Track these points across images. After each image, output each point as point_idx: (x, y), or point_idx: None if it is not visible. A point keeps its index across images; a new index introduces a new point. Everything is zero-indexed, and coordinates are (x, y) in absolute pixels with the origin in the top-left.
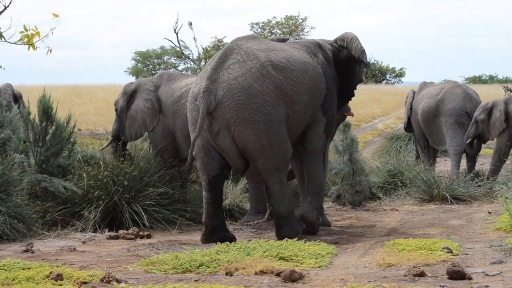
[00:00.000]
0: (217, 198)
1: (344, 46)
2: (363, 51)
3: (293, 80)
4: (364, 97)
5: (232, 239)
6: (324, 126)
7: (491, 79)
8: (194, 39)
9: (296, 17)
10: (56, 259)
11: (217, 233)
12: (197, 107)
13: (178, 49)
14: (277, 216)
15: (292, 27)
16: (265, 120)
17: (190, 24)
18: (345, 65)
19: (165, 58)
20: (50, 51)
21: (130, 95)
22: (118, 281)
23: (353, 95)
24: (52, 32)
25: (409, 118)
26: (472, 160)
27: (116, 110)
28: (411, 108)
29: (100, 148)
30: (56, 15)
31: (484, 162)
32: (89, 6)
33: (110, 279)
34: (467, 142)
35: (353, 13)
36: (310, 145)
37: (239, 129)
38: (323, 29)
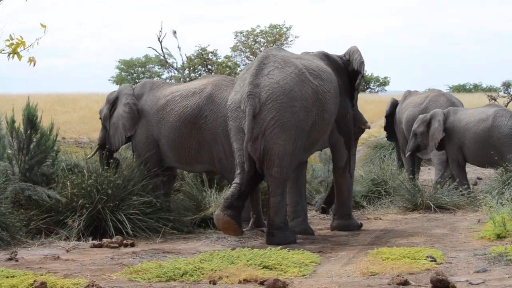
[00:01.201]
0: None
1: (350, 59)
2: (361, 63)
3: (325, 88)
4: None
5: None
6: (345, 144)
7: (476, 88)
8: (179, 47)
9: (281, 26)
10: (40, 267)
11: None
12: (240, 114)
13: (162, 57)
14: (272, 226)
15: (276, 35)
16: (297, 126)
17: (175, 32)
18: (352, 78)
19: (149, 67)
20: (34, 63)
21: (112, 103)
22: None
23: (355, 106)
24: (38, 42)
25: (391, 127)
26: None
27: (101, 118)
28: (387, 116)
29: (86, 158)
30: (44, 26)
31: (468, 171)
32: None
33: (94, 287)
34: (406, 155)
35: (338, 23)
36: (337, 163)
37: (275, 131)
38: (308, 38)
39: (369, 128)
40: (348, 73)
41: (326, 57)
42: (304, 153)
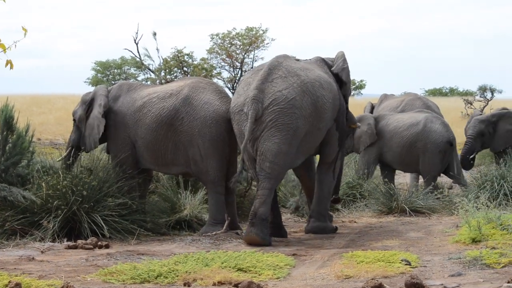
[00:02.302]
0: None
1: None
2: (343, 69)
3: (325, 98)
4: None
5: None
6: (338, 140)
7: (452, 92)
8: (157, 49)
9: (257, 29)
10: (15, 268)
11: (280, 228)
12: (243, 117)
13: (138, 59)
14: (255, 215)
15: (253, 38)
16: (294, 131)
17: (154, 34)
18: (338, 81)
19: (125, 69)
20: (12, 67)
21: (88, 104)
22: None
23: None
24: (15, 45)
25: None
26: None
27: (74, 120)
28: None
29: (57, 160)
30: (25, 30)
31: (443, 174)
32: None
33: None
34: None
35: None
36: (326, 158)
37: (271, 131)
38: (285, 41)
39: (358, 127)
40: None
41: (324, 63)
42: (298, 158)
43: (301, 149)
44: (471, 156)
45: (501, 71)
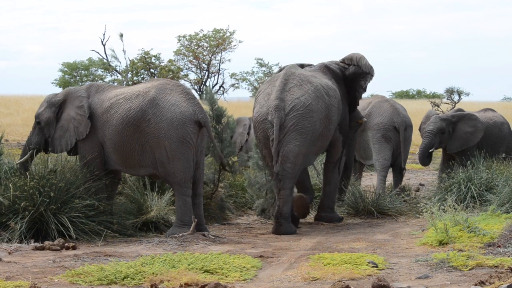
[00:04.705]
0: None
1: (352, 64)
2: (371, 67)
3: (332, 103)
4: None
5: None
6: (342, 142)
7: (419, 94)
8: (124, 51)
9: (225, 31)
10: None
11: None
12: (268, 125)
13: (105, 61)
14: (280, 215)
15: (220, 40)
16: (313, 133)
17: (121, 35)
18: (351, 80)
19: (92, 70)
20: None
21: (59, 105)
22: None
23: (358, 104)
24: None
25: None
26: (398, 175)
27: (39, 122)
28: None
29: (16, 162)
30: None
31: (410, 177)
32: (16, 16)
33: None
34: None
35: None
36: (331, 158)
37: (293, 134)
38: (252, 43)
39: (364, 121)
40: (346, 76)
41: (328, 70)
42: (311, 158)
43: (315, 149)
44: (430, 150)
45: (468, 74)
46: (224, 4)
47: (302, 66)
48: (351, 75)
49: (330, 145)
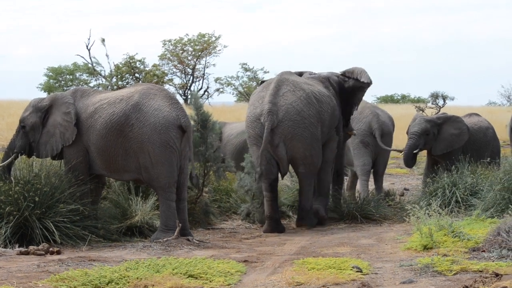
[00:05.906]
0: (276, 196)
1: (352, 77)
2: (371, 81)
3: (324, 109)
4: None
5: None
6: (337, 143)
7: (404, 99)
8: (107, 55)
9: (210, 35)
10: None
11: (279, 224)
12: (260, 125)
13: (90, 65)
14: (302, 209)
15: (205, 44)
16: (310, 137)
17: (103, 40)
18: (350, 92)
19: (77, 75)
20: None
21: (45, 110)
22: None
23: (352, 114)
24: None
25: None
26: (380, 179)
27: (23, 126)
28: None
29: None
30: None
31: (395, 181)
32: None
33: None
34: None
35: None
36: (325, 156)
37: (293, 143)
38: (237, 47)
39: (354, 134)
40: (346, 89)
41: (326, 80)
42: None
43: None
44: (415, 151)
45: (453, 78)
46: (209, 8)
47: (300, 74)
48: (350, 88)
49: (324, 146)
